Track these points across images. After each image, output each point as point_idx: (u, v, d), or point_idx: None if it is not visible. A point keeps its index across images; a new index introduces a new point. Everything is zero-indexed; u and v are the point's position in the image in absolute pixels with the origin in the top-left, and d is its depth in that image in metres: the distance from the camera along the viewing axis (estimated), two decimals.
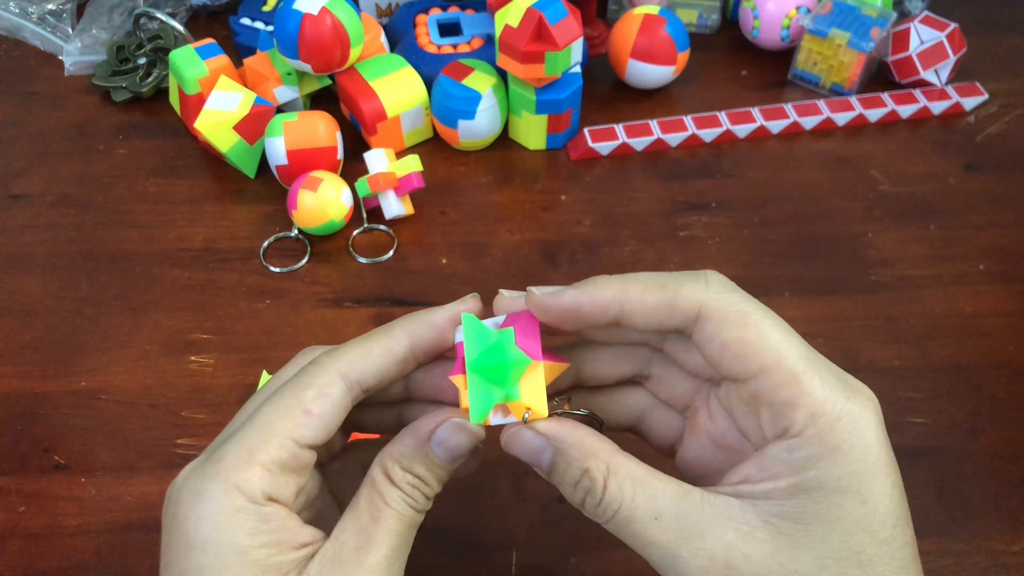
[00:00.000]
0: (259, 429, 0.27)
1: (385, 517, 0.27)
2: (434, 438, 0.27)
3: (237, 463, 0.26)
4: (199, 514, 0.26)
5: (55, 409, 0.43)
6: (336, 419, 0.28)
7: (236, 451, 0.26)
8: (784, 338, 0.27)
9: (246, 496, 0.26)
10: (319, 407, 0.27)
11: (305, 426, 0.27)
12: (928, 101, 0.58)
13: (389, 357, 0.29)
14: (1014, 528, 0.39)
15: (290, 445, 0.27)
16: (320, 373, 0.28)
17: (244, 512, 0.26)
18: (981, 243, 0.51)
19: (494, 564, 0.37)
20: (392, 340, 0.29)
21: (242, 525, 0.25)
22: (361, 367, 0.28)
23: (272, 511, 0.26)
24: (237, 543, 0.25)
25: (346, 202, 0.50)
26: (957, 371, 0.44)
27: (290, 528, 0.27)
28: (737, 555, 0.25)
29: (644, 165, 0.56)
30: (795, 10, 0.60)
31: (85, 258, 0.50)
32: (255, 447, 0.26)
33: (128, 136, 0.58)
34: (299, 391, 0.27)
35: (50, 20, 0.66)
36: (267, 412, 0.27)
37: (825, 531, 0.25)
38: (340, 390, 0.28)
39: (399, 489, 0.27)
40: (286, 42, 0.51)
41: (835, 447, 0.25)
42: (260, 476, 0.26)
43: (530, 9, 0.50)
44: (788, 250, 0.50)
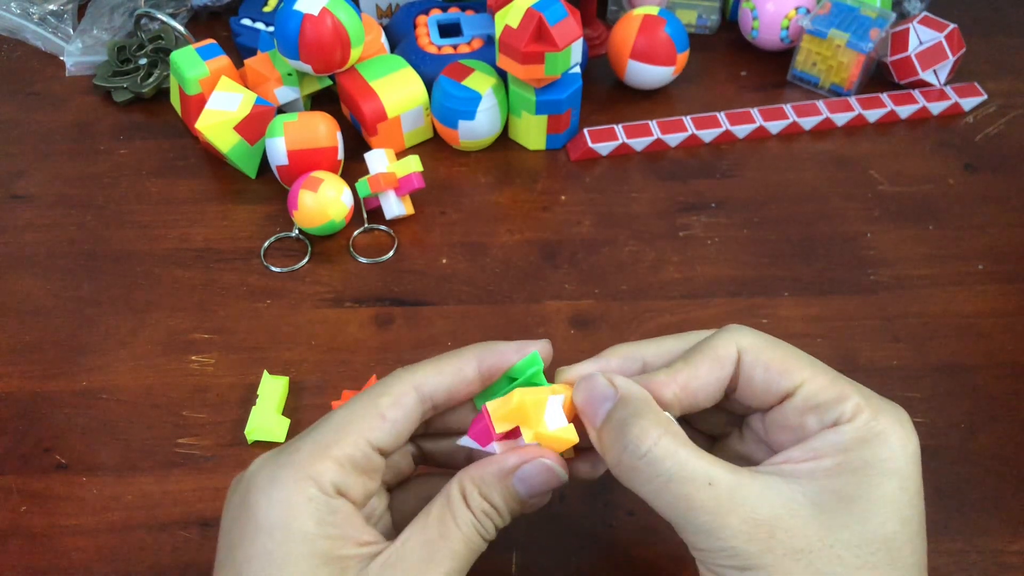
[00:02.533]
0: (335, 428, 0.28)
1: (453, 537, 0.28)
2: (519, 473, 0.28)
3: (311, 456, 0.27)
4: (272, 499, 0.27)
5: (56, 409, 0.43)
6: (408, 428, 0.29)
7: (311, 446, 0.28)
8: (814, 360, 0.29)
9: (318, 486, 0.27)
10: (393, 413, 0.29)
11: (379, 429, 0.29)
12: (927, 101, 0.58)
13: (459, 376, 0.31)
14: (1013, 528, 0.39)
15: (363, 444, 0.28)
16: (396, 383, 0.30)
17: (315, 502, 0.27)
18: (980, 243, 0.51)
19: (494, 564, 0.37)
20: (462, 361, 0.31)
21: (312, 514, 0.26)
22: (433, 383, 0.30)
23: (340, 505, 0.27)
24: (305, 530, 0.26)
25: (346, 202, 0.50)
26: (956, 371, 0.44)
27: (356, 525, 0.27)
28: (781, 525, 0.25)
29: (644, 165, 0.56)
30: (794, 11, 0.60)
31: (86, 258, 0.50)
32: (330, 443, 0.28)
33: (129, 136, 0.58)
34: (375, 397, 0.29)
35: (51, 21, 0.66)
36: (344, 414, 0.29)
37: (866, 511, 0.26)
38: (413, 400, 0.30)
39: (472, 513, 0.28)
40: (287, 43, 0.51)
41: (881, 432, 0.27)
42: (332, 469, 0.27)
43: (530, 10, 0.50)
44: (787, 250, 0.50)
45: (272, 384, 0.43)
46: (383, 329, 0.47)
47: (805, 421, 0.28)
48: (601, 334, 0.46)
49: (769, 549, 0.25)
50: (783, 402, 0.29)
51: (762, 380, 0.29)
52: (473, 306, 0.48)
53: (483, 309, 0.48)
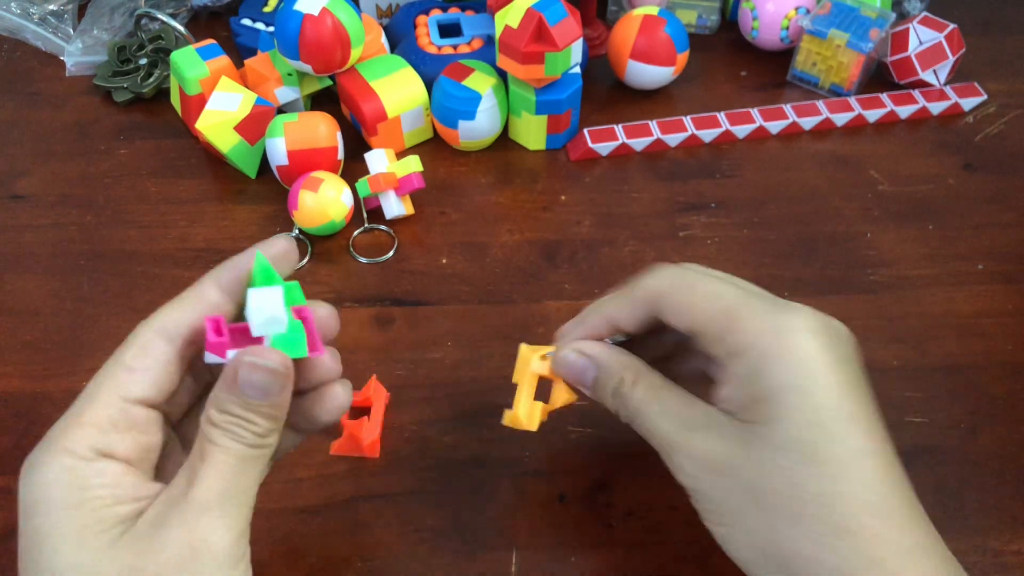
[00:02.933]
0: (85, 397, 0.28)
1: (209, 453, 0.27)
2: (239, 380, 0.28)
3: (65, 429, 0.27)
4: (32, 482, 0.27)
5: (56, 409, 0.43)
6: (166, 373, 0.29)
7: (64, 421, 0.28)
8: (724, 286, 0.32)
9: (75, 455, 0.27)
10: (139, 362, 0.28)
11: (129, 382, 0.28)
12: (927, 101, 0.58)
13: (202, 303, 0.30)
14: (1013, 528, 0.39)
15: (116, 402, 0.28)
16: (137, 335, 0.29)
17: (74, 470, 0.26)
18: (980, 243, 0.51)
19: (494, 564, 0.38)
20: (201, 288, 0.30)
21: (71, 482, 0.26)
22: (177, 319, 0.29)
23: (104, 466, 0.27)
24: (66, 499, 0.26)
25: (346, 202, 0.50)
26: (956, 371, 0.44)
27: (127, 482, 0.27)
28: (717, 451, 0.30)
29: (644, 165, 0.56)
30: (794, 11, 0.60)
31: (86, 258, 0.50)
32: (82, 410, 0.28)
33: (129, 136, 0.58)
34: (119, 354, 0.29)
35: (51, 21, 0.66)
36: (92, 382, 0.28)
37: (775, 427, 0.29)
38: (160, 344, 0.29)
39: (220, 428, 0.28)
40: (287, 43, 0.52)
41: (774, 355, 0.29)
42: (88, 434, 0.27)
43: (530, 10, 0.50)
44: (787, 250, 0.50)
45: None
46: (383, 329, 0.47)
47: (718, 354, 0.31)
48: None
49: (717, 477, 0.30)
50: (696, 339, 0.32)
51: (675, 322, 0.32)
52: (473, 306, 0.48)
53: (483, 309, 0.48)
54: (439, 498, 0.40)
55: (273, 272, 0.30)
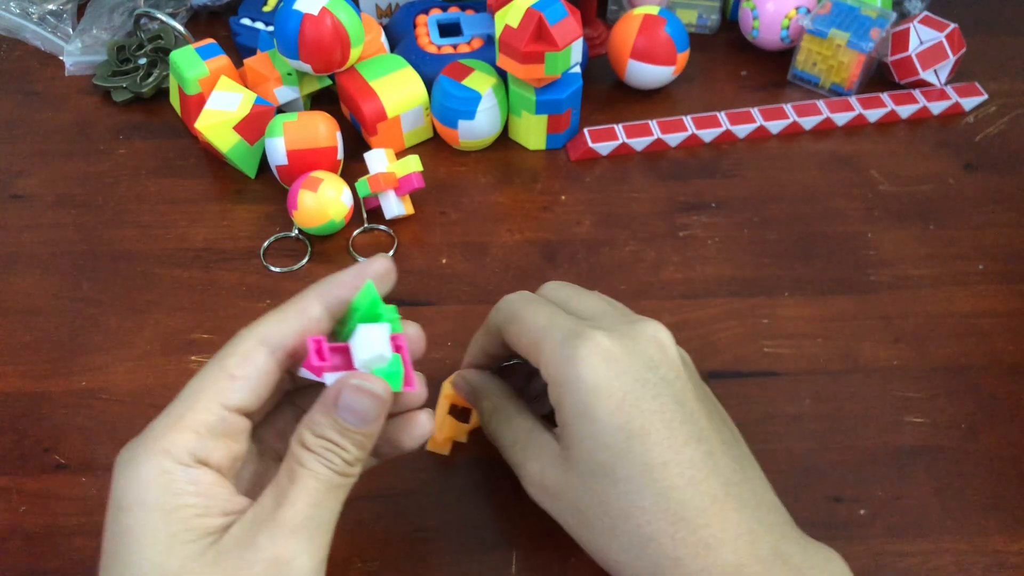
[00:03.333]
0: (186, 399, 0.28)
1: (299, 477, 0.27)
2: (340, 404, 0.28)
3: (165, 428, 0.27)
4: (128, 478, 0.27)
5: (56, 409, 0.43)
6: (264, 383, 0.29)
7: (165, 420, 0.28)
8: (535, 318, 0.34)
9: (173, 458, 0.27)
10: (242, 371, 0.29)
11: (230, 390, 0.28)
12: (927, 101, 0.58)
13: (304, 317, 0.30)
14: (1014, 528, 0.39)
15: (216, 408, 0.28)
16: (240, 342, 0.29)
17: (171, 473, 0.27)
18: (980, 243, 0.51)
19: (494, 564, 0.38)
20: (304, 302, 0.31)
21: (168, 486, 0.26)
22: (279, 331, 0.30)
23: (200, 474, 0.27)
24: (161, 503, 0.26)
25: (346, 202, 0.50)
26: (956, 371, 0.44)
27: (218, 494, 0.27)
28: (547, 475, 0.33)
29: (644, 165, 0.56)
30: (795, 10, 0.60)
31: (86, 258, 0.50)
32: (183, 412, 0.28)
33: (129, 136, 0.58)
34: (222, 360, 0.29)
35: (50, 20, 0.66)
36: (193, 384, 0.29)
37: (578, 451, 0.31)
38: (262, 354, 0.29)
39: (313, 452, 0.28)
40: (286, 42, 0.51)
41: (565, 384, 0.31)
42: (187, 439, 0.27)
43: (530, 9, 0.50)
44: (787, 250, 0.50)
45: None
46: None
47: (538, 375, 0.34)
48: None
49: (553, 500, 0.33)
50: None
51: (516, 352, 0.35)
52: (473, 306, 0.48)
53: (483, 309, 0.47)
54: (439, 498, 0.40)
55: (380, 304, 0.30)
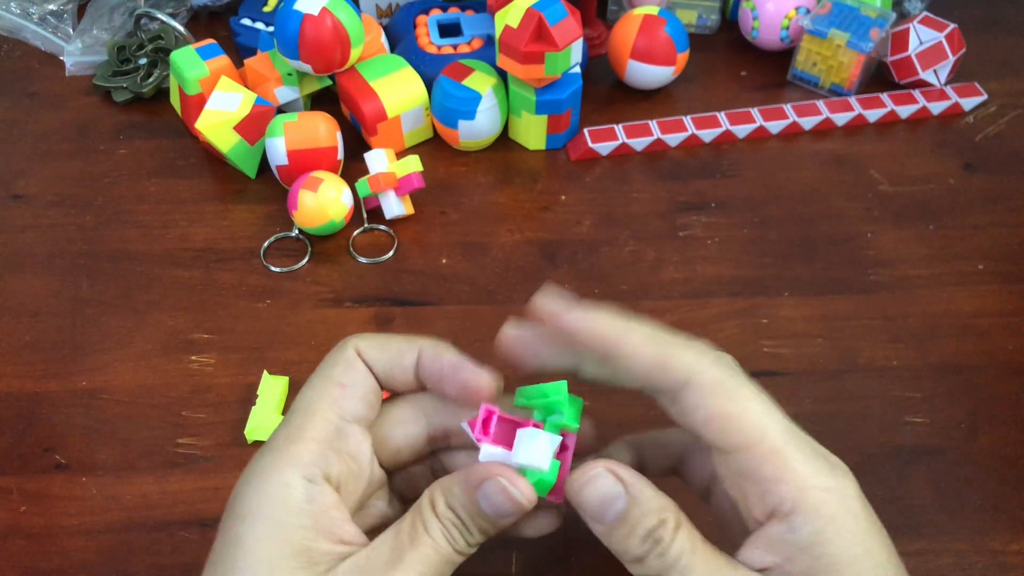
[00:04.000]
0: (302, 410, 0.28)
1: (422, 543, 0.27)
2: (482, 489, 0.28)
3: (288, 440, 0.27)
4: (251, 487, 0.27)
5: (56, 409, 0.43)
6: (371, 390, 0.29)
7: (286, 432, 0.28)
8: (767, 412, 0.27)
9: (298, 470, 0.26)
10: (349, 379, 0.29)
11: (343, 397, 0.28)
12: (927, 101, 0.58)
13: (397, 360, 0.30)
14: (1013, 528, 0.39)
15: (334, 418, 0.28)
16: (341, 351, 0.30)
17: (292, 487, 0.26)
18: (980, 243, 0.51)
19: (494, 564, 0.37)
20: (407, 346, 0.30)
21: (287, 500, 0.26)
22: (374, 354, 0.30)
23: (319, 492, 0.27)
24: (277, 518, 0.26)
25: (346, 202, 0.50)
26: (956, 371, 0.44)
27: (333, 518, 0.27)
28: None
29: (644, 165, 0.56)
30: (794, 11, 0.60)
31: (86, 258, 0.50)
32: (303, 424, 0.28)
33: (129, 136, 0.58)
34: (327, 369, 0.29)
35: (51, 21, 0.66)
36: (307, 395, 0.29)
37: None
38: (362, 366, 0.29)
39: (440, 522, 0.27)
40: (286, 42, 0.51)
41: (828, 523, 0.25)
42: (311, 450, 0.27)
43: (530, 10, 0.50)
44: (788, 250, 0.50)
45: (272, 384, 0.43)
46: (383, 329, 0.47)
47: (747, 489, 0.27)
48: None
49: None
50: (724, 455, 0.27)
51: (699, 428, 0.27)
52: (473, 306, 0.48)
53: (483, 309, 0.48)
54: None
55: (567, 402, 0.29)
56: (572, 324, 0.29)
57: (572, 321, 0.29)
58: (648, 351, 0.28)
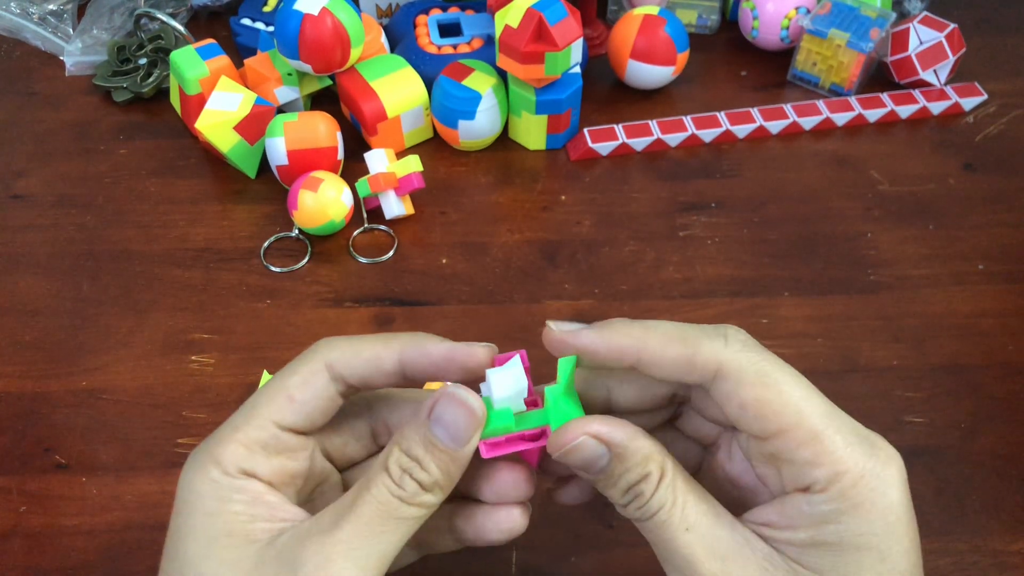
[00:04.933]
0: (245, 412, 0.28)
1: (364, 499, 0.26)
2: (432, 417, 0.27)
3: (219, 440, 0.28)
4: (184, 483, 0.28)
5: (56, 409, 0.43)
6: (321, 408, 0.29)
7: (222, 431, 0.28)
8: (804, 395, 0.26)
9: (221, 469, 0.27)
10: (301, 394, 0.28)
11: (286, 410, 0.28)
12: (927, 101, 0.58)
13: (375, 365, 0.29)
14: (1014, 528, 0.39)
15: (270, 427, 0.28)
16: (307, 361, 0.29)
17: (217, 482, 0.27)
18: (980, 243, 0.51)
19: (494, 564, 0.38)
20: (385, 350, 0.29)
21: (212, 493, 0.27)
22: (347, 364, 0.29)
23: (244, 483, 0.27)
24: (206, 508, 0.27)
25: (346, 202, 0.50)
26: (956, 371, 0.44)
27: (269, 501, 0.27)
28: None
29: (644, 165, 0.56)
30: (794, 10, 0.60)
31: (86, 258, 0.50)
32: (239, 425, 0.28)
33: (129, 136, 0.58)
34: (286, 378, 0.29)
35: (51, 20, 0.66)
36: (255, 397, 0.29)
37: None
38: (323, 380, 0.29)
39: (387, 474, 0.26)
40: (287, 42, 0.51)
41: (857, 504, 0.25)
42: (235, 452, 0.27)
43: (530, 10, 0.50)
44: (788, 250, 0.50)
45: None
46: (383, 329, 0.47)
47: (780, 469, 0.27)
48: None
49: None
50: (758, 440, 0.27)
51: (735, 415, 0.27)
52: (473, 306, 0.48)
53: (483, 309, 0.48)
54: None
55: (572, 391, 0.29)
56: (588, 343, 0.28)
57: (588, 341, 0.28)
58: (671, 352, 0.27)
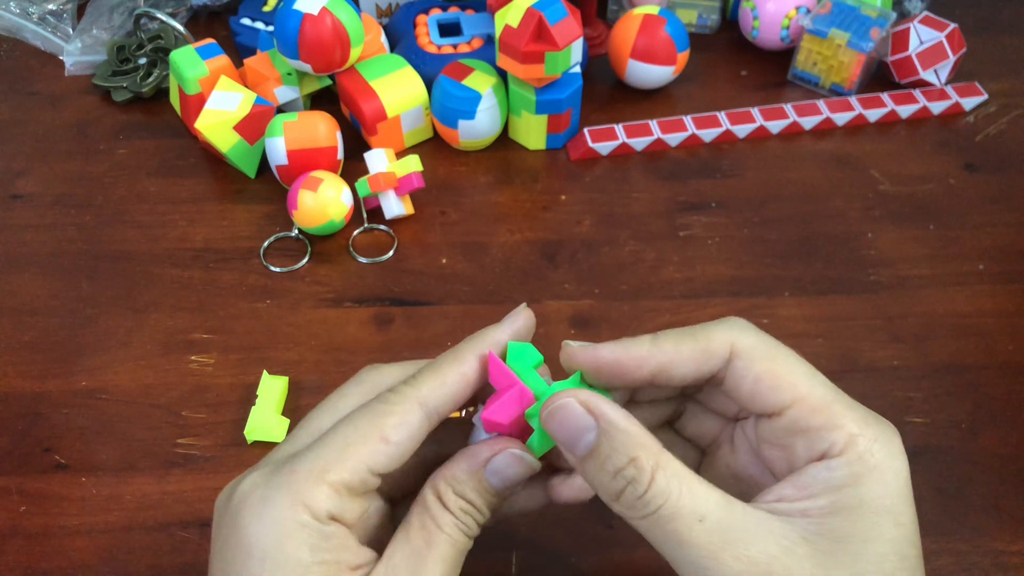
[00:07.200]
0: (335, 449, 0.27)
1: (438, 542, 0.27)
2: (490, 466, 0.28)
3: (308, 478, 0.26)
4: (264, 522, 0.25)
5: (56, 409, 0.43)
6: (412, 449, 0.28)
7: (309, 467, 0.26)
8: (811, 371, 0.28)
9: (312, 513, 0.26)
10: (397, 436, 0.27)
11: (382, 453, 0.27)
12: (927, 101, 0.58)
13: (463, 382, 0.29)
14: (1014, 528, 0.39)
15: (363, 470, 0.27)
16: (401, 401, 0.28)
17: (308, 529, 0.25)
18: (980, 243, 0.51)
19: (494, 564, 0.38)
20: (464, 365, 0.29)
21: (304, 540, 0.25)
22: (438, 396, 0.28)
23: (333, 531, 0.26)
24: (298, 558, 0.25)
25: (346, 202, 0.50)
26: (956, 371, 0.44)
27: (349, 549, 0.26)
28: (778, 566, 0.24)
29: (644, 165, 0.56)
30: (795, 10, 0.60)
31: (86, 258, 0.50)
32: (329, 466, 0.26)
33: (129, 136, 0.58)
34: (379, 417, 0.27)
35: (50, 20, 0.66)
36: (345, 433, 0.27)
37: (861, 550, 0.25)
38: (419, 419, 0.28)
39: (452, 514, 0.27)
40: (286, 42, 0.51)
41: (873, 467, 0.26)
42: (328, 496, 0.26)
43: (530, 9, 0.50)
44: (788, 250, 0.50)
45: (272, 384, 0.43)
46: (383, 329, 0.47)
47: (794, 443, 0.27)
48: (601, 334, 0.46)
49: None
50: (771, 417, 0.28)
51: (749, 392, 0.28)
52: (473, 306, 0.48)
53: (483, 309, 0.48)
54: None
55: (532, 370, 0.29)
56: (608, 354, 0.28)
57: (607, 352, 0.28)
58: (685, 347, 0.28)
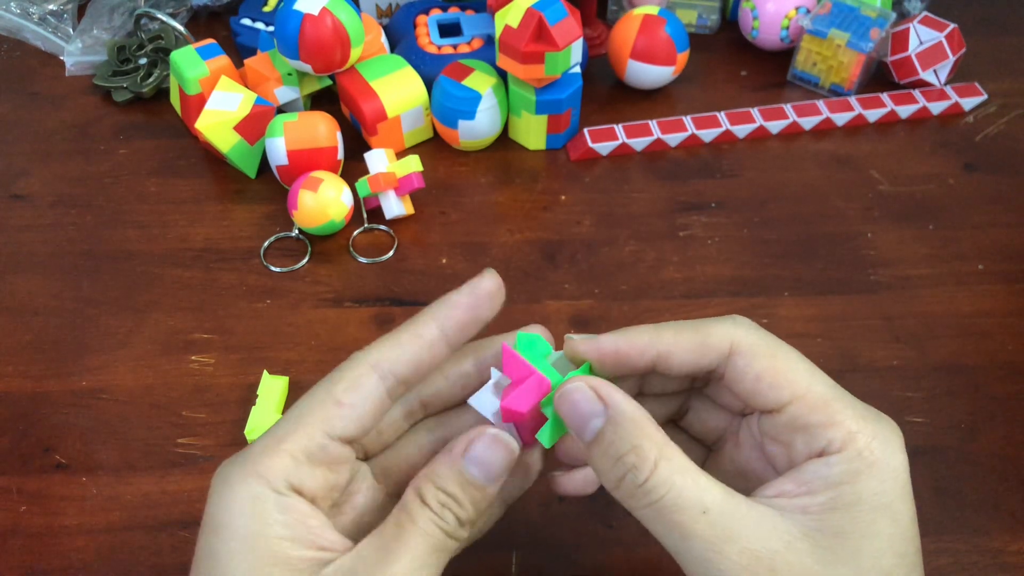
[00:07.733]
0: (291, 421, 0.27)
1: (408, 536, 0.26)
2: (467, 456, 0.27)
3: (263, 451, 0.26)
4: (220, 500, 0.26)
5: (56, 409, 0.43)
6: (371, 411, 0.28)
7: (264, 441, 0.27)
8: (811, 369, 0.28)
9: (267, 483, 0.26)
10: (349, 398, 0.27)
11: (336, 417, 0.27)
12: (927, 101, 0.58)
13: (418, 343, 0.29)
14: (1013, 528, 0.39)
15: (319, 435, 0.27)
16: (351, 367, 0.28)
17: (262, 499, 0.26)
18: (980, 243, 0.51)
19: (494, 564, 0.38)
20: (419, 326, 0.29)
21: (256, 512, 0.25)
22: (392, 357, 0.28)
23: (293, 503, 0.26)
24: (249, 529, 0.25)
25: (346, 202, 0.50)
26: (956, 371, 0.44)
27: (310, 525, 0.26)
28: (780, 561, 0.25)
29: (644, 165, 0.56)
30: (794, 10, 0.60)
31: (86, 258, 0.50)
32: (283, 436, 0.27)
33: (129, 136, 0.58)
34: (331, 384, 0.28)
35: (51, 20, 0.66)
36: (300, 405, 0.28)
37: (859, 546, 0.25)
38: (372, 381, 0.28)
39: (428, 508, 0.27)
40: (287, 42, 0.51)
41: (872, 463, 0.26)
42: (283, 464, 0.26)
43: (530, 9, 0.50)
44: (788, 250, 0.50)
45: (272, 384, 0.43)
46: (383, 329, 0.47)
47: (794, 440, 0.27)
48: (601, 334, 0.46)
49: None
50: (772, 414, 0.28)
51: (750, 388, 0.28)
52: None
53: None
54: None
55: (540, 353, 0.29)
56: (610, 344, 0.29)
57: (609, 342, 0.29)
58: (685, 340, 0.29)
